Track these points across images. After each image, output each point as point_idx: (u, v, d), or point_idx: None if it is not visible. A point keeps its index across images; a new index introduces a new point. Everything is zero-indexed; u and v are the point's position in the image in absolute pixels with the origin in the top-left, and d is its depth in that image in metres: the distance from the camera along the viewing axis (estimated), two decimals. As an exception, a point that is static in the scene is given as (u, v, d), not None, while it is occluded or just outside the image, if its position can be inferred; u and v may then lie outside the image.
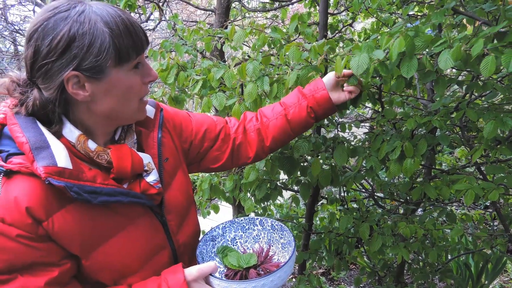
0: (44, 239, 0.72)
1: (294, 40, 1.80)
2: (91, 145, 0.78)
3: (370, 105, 2.52)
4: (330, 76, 1.17)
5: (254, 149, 1.17)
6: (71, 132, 0.77)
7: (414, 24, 1.15)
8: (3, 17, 6.02)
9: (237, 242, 1.05)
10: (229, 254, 0.98)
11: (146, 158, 0.87)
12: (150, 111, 0.95)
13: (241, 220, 1.07)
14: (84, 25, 0.70)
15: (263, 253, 1.01)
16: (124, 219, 0.82)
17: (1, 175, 0.70)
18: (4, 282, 0.70)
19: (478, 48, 0.91)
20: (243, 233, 1.06)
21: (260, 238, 1.05)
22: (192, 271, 0.83)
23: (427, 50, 1.03)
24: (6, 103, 0.80)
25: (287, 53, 1.30)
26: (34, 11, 5.32)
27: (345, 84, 1.18)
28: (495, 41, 1.01)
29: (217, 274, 0.88)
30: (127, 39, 0.74)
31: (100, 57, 0.71)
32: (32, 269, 0.72)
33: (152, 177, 0.86)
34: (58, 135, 0.76)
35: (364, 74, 1.07)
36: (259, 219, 1.06)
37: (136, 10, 2.43)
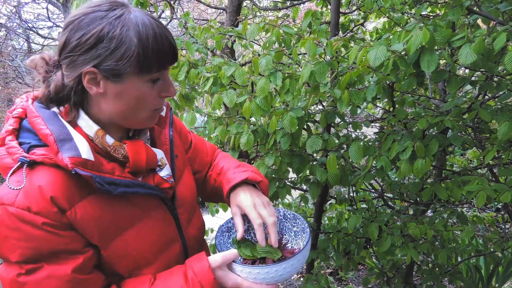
0: (67, 227, 0.75)
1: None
2: (109, 140, 0.81)
3: (381, 105, 2.50)
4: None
5: (206, 192, 1.16)
6: (90, 126, 0.80)
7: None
8: (17, 15, 6.11)
9: (250, 232, 1.06)
10: (243, 244, 0.99)
11: (159, 153, 0.90)
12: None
13: None
14: (116, 29, 0.72)
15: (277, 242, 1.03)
16: (141, 211, 0.85)
17: (25, 166, 0.72)
18: (31, 271, 0.72)
19: (501, 41, 0.90)
20: None
21: None
22: (216, 258, 0.85)
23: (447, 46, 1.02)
24: (22, 98, 0.83)
25: (301, 49, 1.30)
26: (47, 9, 5.39)
27: None
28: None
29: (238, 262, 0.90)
30: (153, 53, 0.75)
31: (121, 62, 0.73)
32: (58, 257, 0.74)
33: (165, 172, 0.90)
34: (74, 125, 0.79)
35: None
36: None
37: (147, 8, 2.45)
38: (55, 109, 0.80)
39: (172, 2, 3.51)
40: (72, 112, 0.79)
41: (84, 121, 0.80)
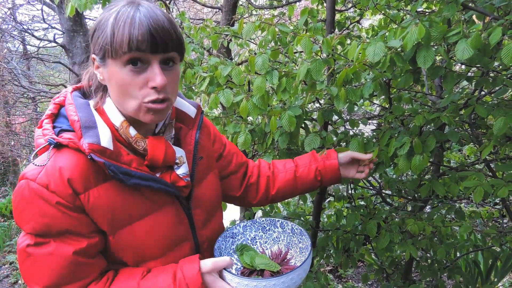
0: (79, 210, 0.79)
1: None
2: (132, 131, 0.85)
3: (378, 102, 2.50)
4: (347, 153, 1.25)
5: (260, 194, 1.23)
6: (116, 117, 0.85)
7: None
8: (12, 17, 6.08)
9: (257, 241, 1.07)
10: (246, 253, 0.99)
11: (179, 152, 0.92)
12: (191, 111, 1.00)
13: (263, 220, 1.08)
14: (109, 19, 0.78)
15: (281, 255, 1.02)
16: (152, 205, 0.87)
17: (51, 147, 0.79)
18: (39, 244, 0.78)
19: (496, 36, 0.90)
20: (264, 233, 1.08)
21: (279, 241, 1.07)
22: (207, 263, 0.86)
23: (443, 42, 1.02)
24: (68, 89, 0.91)
25: (297, 47, 1.30)
26: (42, 11, 5.37)
27: (360, 167, 1.27)
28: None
29: (233, 270, 0.89)
30: (123, 32, 0.75)
31: (102, 45, 0.79)
32: (64, 236, 0.78)
33: (182, 170, 0.91)
34: (102, 113, 0.85)
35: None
36: (280, 221, 1.08)
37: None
38: (92, 100, 0.88)
39: (167, 2, 3.50)
40: (102, 98, 0.86)
41: (112, 110, 0.85)
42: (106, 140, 0.79)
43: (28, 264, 0.78)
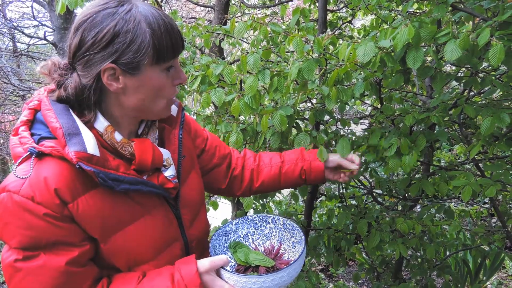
0: (68, 220, 0.77)
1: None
2: (117, 136, 0.83)
3: (369, 101, 2.52)
4: (334, 159, 1.26)
5: (244, 186, 1.25)
6: (100, 122, 0.82)
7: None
8: (2, 14, 5.99)
9: (249, 238, 1.07)
10: (239, 250, 1.00)
11: (166, 153, 0.91)
12: (173, 109, 0.99)
13: (254, 217, 1.09)
14: (129, 23, 0.75)
15: (274, 250, 1.03)
16: (142, 208, 0.87)
17: (33, 156, 0.75)
18: (28, 258, 0.74)
19: (485, 37, 0.91)
20: (255, 230, 1.09)
21: (271, 236, 1.08)
22: (204, 263, 0.86)
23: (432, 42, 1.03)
24: (40, 91, 0.86)
25: (289, 47, 1.30)
26: (32, 8, 5.30)
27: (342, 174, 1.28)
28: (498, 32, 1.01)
29: (228, 268, 0.89)
30: (166, 41, 0.79)
31: (138, 54, 0.76)
32: (54, 248, 0.76)
33: (170, 172, 0.91)
34: (90, 126, 0.81)
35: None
36: (272, 217, 1.08)
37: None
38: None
39: (159, 0, 3.48)
40: (91, 112, 0.81)
41: (98, 119, 0.82)
42: (91, 146, 0.76)
43: (18, 279, 0.75)
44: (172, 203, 0.93)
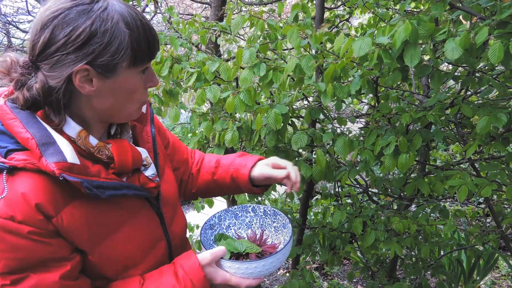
0: (54, 235, 0.72)
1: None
2: (92, 140, 0.78)
3: (366, 100, 2.51)
4: (261, 172, 1.06)
5: (184, 190, 1.18)
6: (71, 127, 0.76)
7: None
8: (-4, 8, 5.94)
9: (231, 229, 1.10)
10: (224, 241, 1.02)
11: (144, 152, 0.88)
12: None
13: (235, 208, 1.12)
14: (107, 23, 0.69)
15: (257, 237, 1.07)
16: (127, 213, 0.83)
17: (4, 173, 0.68)
18: (17, 281, 0.69)
19: (482, 35, 0.91)
20: (236, 220, 1.11)
21: (252, 224, 1.11)
22: (205, 255, 0.86)
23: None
24: None
25: (287, 44, 1.29)
26: (27, 2, 5.25)
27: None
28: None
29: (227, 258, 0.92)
30: (144, 43, 0.74)
31: (116, 56, 0.70)
32: (45, 266, 0.71)
33: (150, 171, 0.88)
34: (59, 132, 0.74)
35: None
36: (252, 206, 1.12)
37: (131, 2, 2.40)
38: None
39: (156, -4, 3.45)
40: (60, 115, 0.74)
41: (67, 122, 0.75)
42: (69, 155, 0.70)
43: None
44: (153, 202, 0.91)
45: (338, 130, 1.71)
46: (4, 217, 0.66)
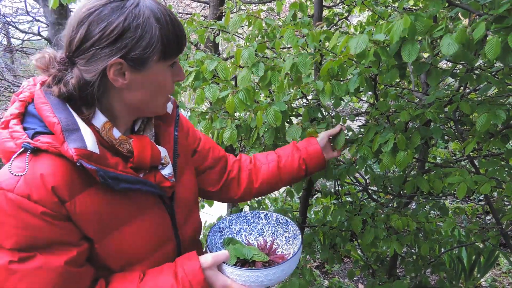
0: (65, 218, 0.74)
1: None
2: (116, 133, 0.81)
3: (365, 98, 2.51)
4: (322, 135, 1.28)
5: (242, 189, 1.21)
6: (98, 118, 0.79)
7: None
8: (-5, 9, 5.93)
9: (242, 234, 1.08)
10: (233, 246, 1.00)
11: (163, 151, 0.90)
12: (168, 107, 0.97)
13: (247, 213, 1.10)
14: (139, 18, 0.73)
15: (267, 245, 1.04)
16: (138, 208, 0.85)
17: (28, 152, 0.71)
18: (23, 259, 0.71)
19: (480, 31, 0.90)
20: (248, 226, 1.09)
21: (264, 232, 1.08)
22: (207, 258, 0.86)
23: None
24: (29, 81, 0.83)
25: (286, 44, 1.29)
26: (26, 3, 5.25)
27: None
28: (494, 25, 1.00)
29: (229, 263, 0.90)
30: (173, 37, 0.78)
31: (147, 50, 0.75)
32: (52, 248, 0.73)
33: (167, 171, 0.89)
34: (87, 122, 0.78)
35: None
36: (265, 213, 1.09)
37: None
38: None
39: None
40: (91, 108, 0.78)
41: (95, 114, 0.79)
42: (91, 143, 0.73)
43: (14, 282, 0.71)
44: (167, 202, 0.92)
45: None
46: (21, 195, 0.69)
